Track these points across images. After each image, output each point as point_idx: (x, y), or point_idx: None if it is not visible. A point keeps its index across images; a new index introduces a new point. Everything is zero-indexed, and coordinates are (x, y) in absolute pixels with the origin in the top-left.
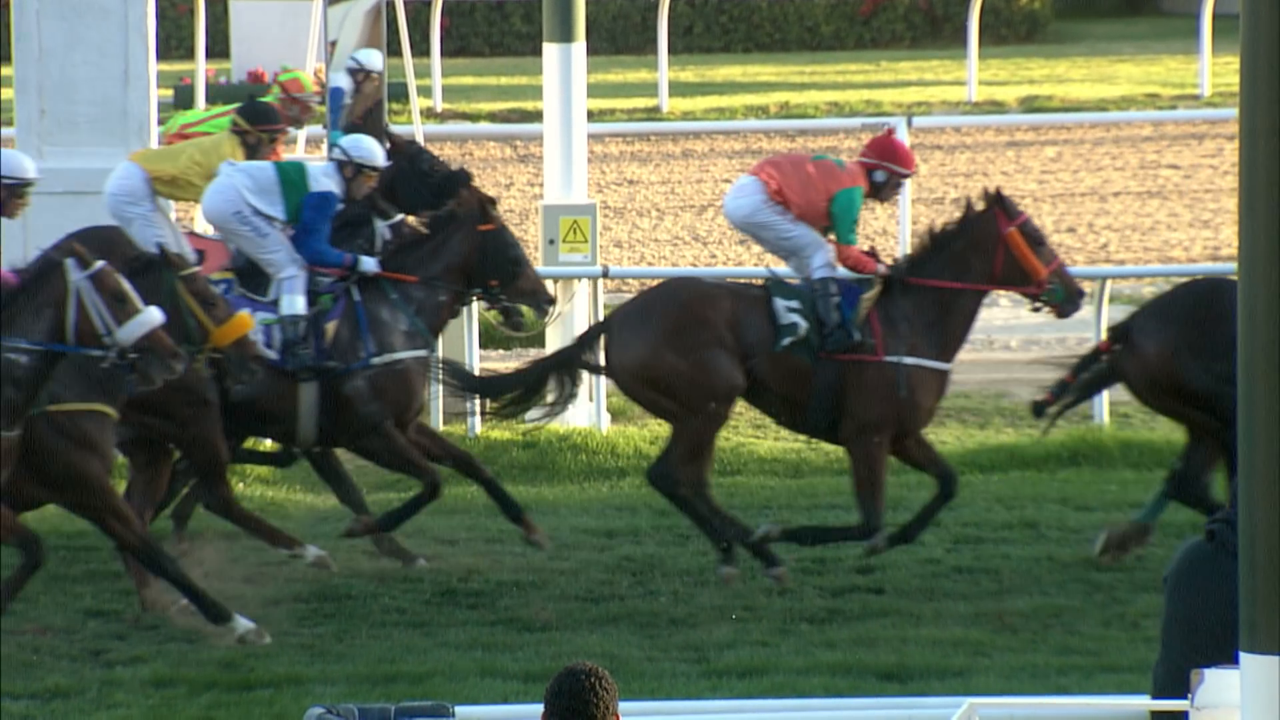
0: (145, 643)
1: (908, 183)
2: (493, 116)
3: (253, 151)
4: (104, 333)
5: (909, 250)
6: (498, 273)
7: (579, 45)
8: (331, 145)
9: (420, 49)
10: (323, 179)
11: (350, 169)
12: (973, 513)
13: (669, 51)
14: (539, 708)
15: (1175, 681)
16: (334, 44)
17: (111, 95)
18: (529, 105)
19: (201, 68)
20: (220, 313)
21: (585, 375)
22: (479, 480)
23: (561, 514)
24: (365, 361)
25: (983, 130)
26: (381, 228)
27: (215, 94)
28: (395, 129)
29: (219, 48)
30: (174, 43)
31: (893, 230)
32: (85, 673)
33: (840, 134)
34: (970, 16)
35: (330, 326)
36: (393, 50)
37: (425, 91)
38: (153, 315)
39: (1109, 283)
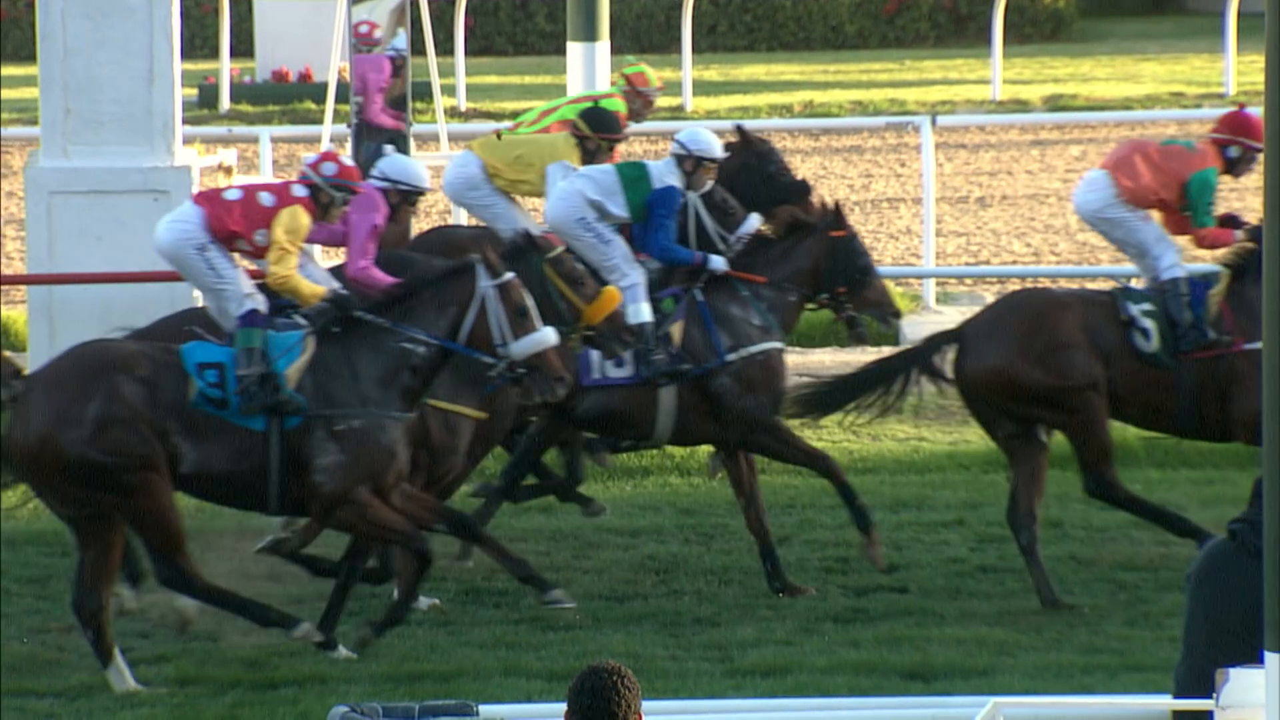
0: (169, 641)
1: (931, 183)
2: (517, 115)
3: (590, 157)
4: (499, 343)
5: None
6: (846, 280)
7: (603, 44)
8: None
9: (444, 48)
10: (663, 175)
11: (690, 162)
12: (997, 512)
13: (693, 50)
14: (563, 706)
15: (1197, 681)
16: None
17: (136, 94)
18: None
19: (226, 67)
20: (589, 291)
21: None
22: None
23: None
24: (722, 359)
25: (1007, 129)
26: (734, 237)
27: (239, 93)
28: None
29: (243, 47)
30: (199, 42)
31: (917, 229)
32: (110, 671)
33: (864, 133)
34: (995, 15)
35: (676, 328)
36: (417, 49)
37: (449, 90)
38: (548, 336)
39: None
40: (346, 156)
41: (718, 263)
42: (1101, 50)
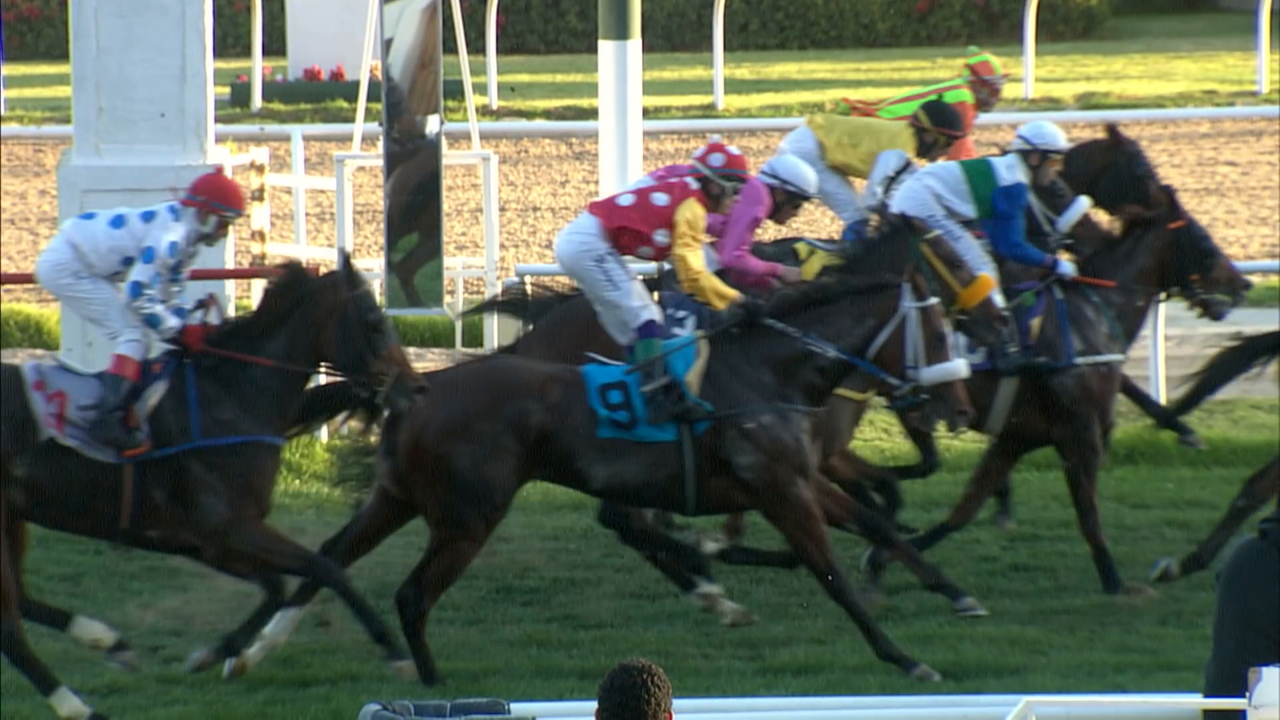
0: (202, 639)
1: None
2: (548, 114)
3: (926, 150)
4: (909, 365)
5: None
6: (1196, 266)
7: (634, 42)
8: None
9: (476, 46)
10: (1008, 171)
11: (1035, 156)
12: (1029, 511)
13: (724, 48)
14: (594, 705)
15: (1228, 680)
16: (389, 41)
17: (169, 93)
18: (584, 102)
19: (258, 65)
20: (965, 275)
21: None
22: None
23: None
24: (1071, 360)
25: None
26: (1061, 220)
27: (271, 92)
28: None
29: (275, 45)
30: (230, 40)
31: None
32: (142, 668)
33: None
34: (1027, 13)
35: (1035, 323)
36: (448, 47)
37: (481, 89)
38: (960, 367)
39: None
40: (733, 146)
41: (1066, 268)
42: (1134, 48)
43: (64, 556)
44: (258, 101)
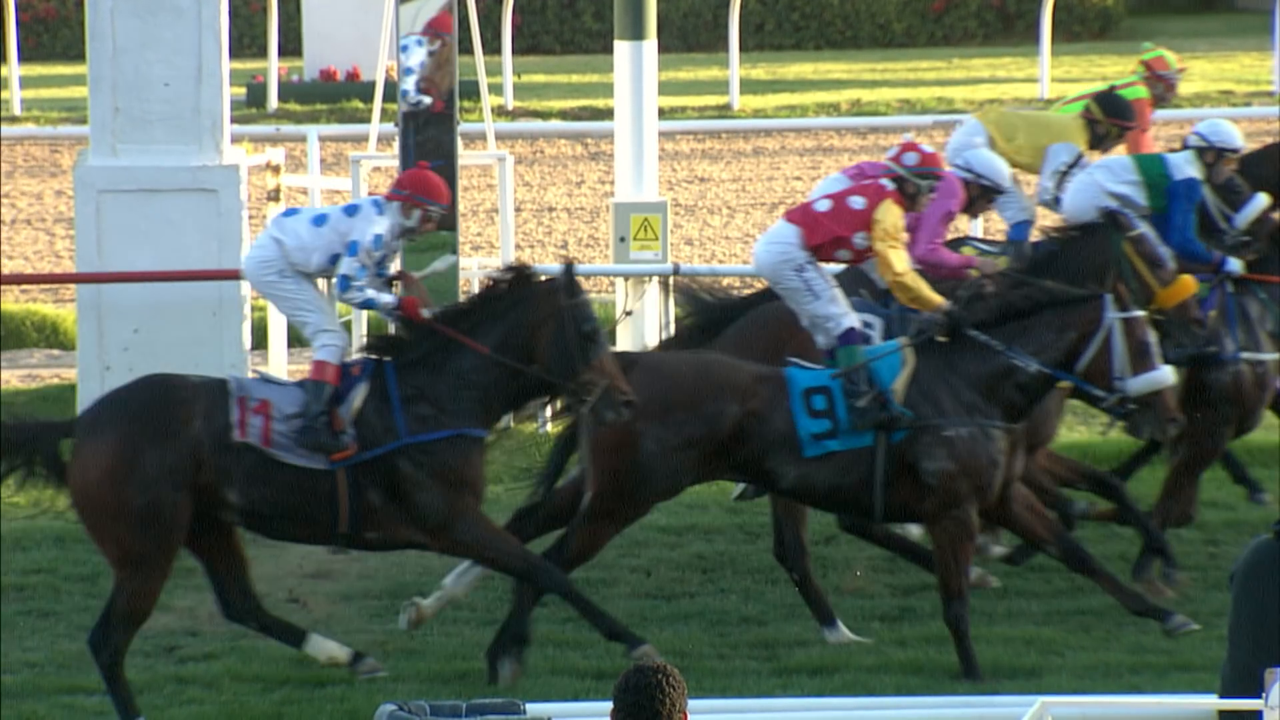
0: (218, 639)
1: None
2: (564, 114)
3: (1098, 142)
4: (1116, 376)
5: None
6: None
7: (650, 43)
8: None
9: (491, 46)
10: (1183, 167)
11: (1211, 154)
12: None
13: (740, 49)
14: (609, 705)
15: (1243, 680)
16: (405, 42)
17: (185, 93)
18: (600, 103)
19: (274, 65)
20: (1166, 275)
21: None
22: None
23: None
24: (1234, 355)
25: None
26: (1237, 217)
27: (287, 92)
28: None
29: (291, 46)
30: (246, 41)
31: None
32: (159, 668)
33: (912, 131)
34: (1043, 13)
35: (1210, 315)
36: (464, 48)
37: (496, 89)
38: (1166, 375)
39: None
40: (926, 144)
41: (1233, 266)
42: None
43: (81, 557)
44: (273, 102)
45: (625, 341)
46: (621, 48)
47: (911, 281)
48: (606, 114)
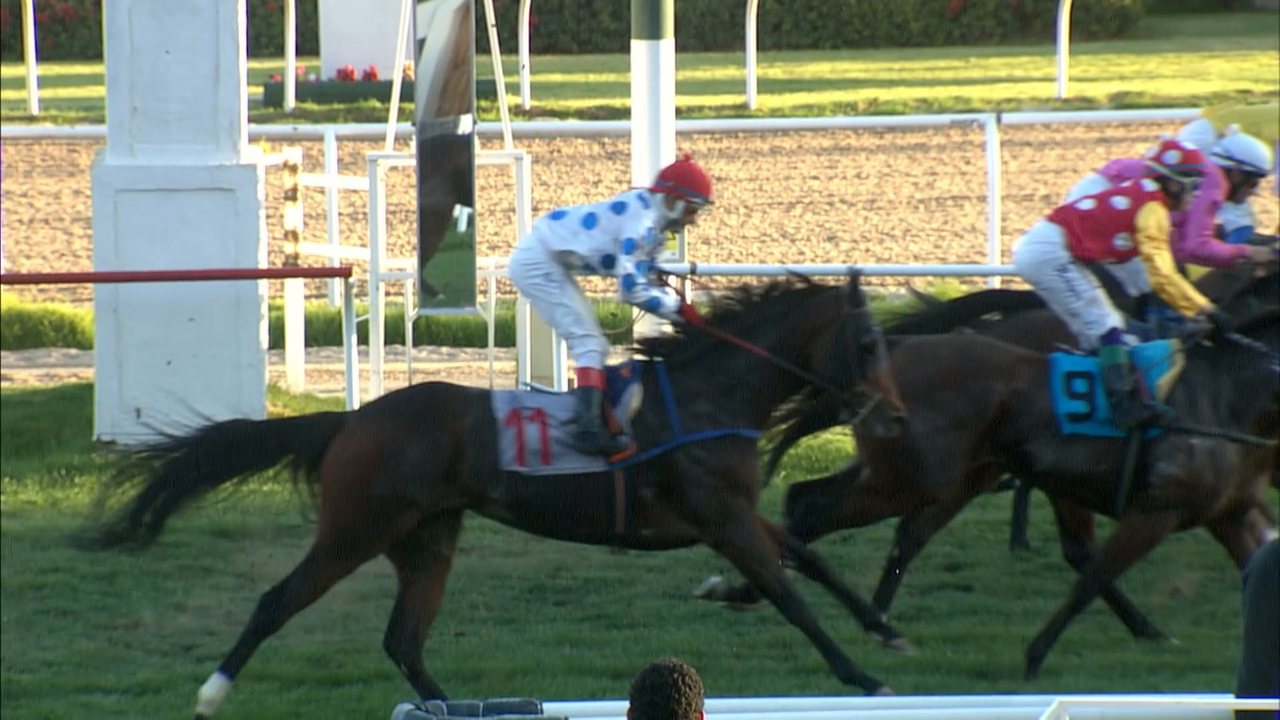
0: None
1: (996, 180)
2: (581, 113)
3: None
4: None
5: None
6: None
7: (667, 42)
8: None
9: (509, 46)
10: None
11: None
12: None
13: (757, 48)
14: (625, 705)
15: (1259, 681)
16: (422, 41)
17: (202, 93)
18: (617, 102)
19: (291, 65)
20: None
21: None
22: None
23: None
24: None
25: (1073, 127)
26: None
27: (304, 92)
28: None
29: (309, 45)
30: (264, 40)
31: (981, 228)
32: (176, 668)
33: (929, 131)
34: (1060, 12)
35: None
36: (481, 47)
37: (513, 89)
38: None
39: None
40: (1186, 142)
41: None
42: (1168, 47)
43: (98, 556)
44: (291, 101)
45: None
46: (638, 47)
47: (1176, 285)
48: (623, 113)
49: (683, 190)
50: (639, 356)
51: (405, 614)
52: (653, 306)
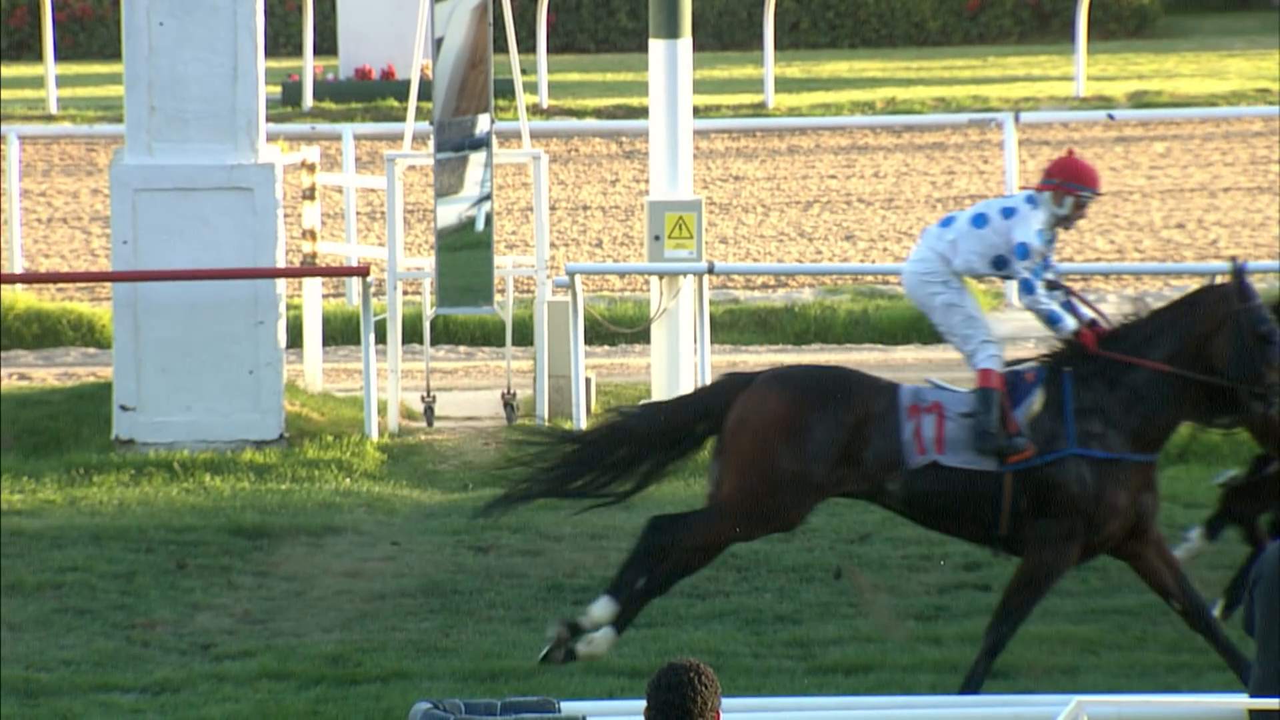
0: (253, 637)
1: (1014, 180)
2: (598, 112)
3: None
4: None
5: None
6: None
7: (685, 41)
8: None
9: (526, 45)
10: None
11: None
12: None
13: (775, 47)
14: (643, 704)
15: (1273, 681)
16: (440, 41)
17: (220, 92)
18: (634, 101)
19: (309, 64)
20: None
21: (692, 367)
22: None
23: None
24: None
25: (1091, 125)
26: None
27: (322, 91)
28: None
29: (326, 44)
30: (282, 39)
31: None
32: (194, 666)
33: (947, 130)
34: (1078, 11)
35: None
36: (499, 46)
37: (531, 88)
38: None
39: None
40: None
41: None
42: (1186, 46)
43: (116, 555)
44: (309, 100)
45: (660, 339)
46: (656, 46)
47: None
48: (641, 112)
49: (1070, 185)
50: (1047, 364)
51: (1153, 581)
52: (1052, 320)
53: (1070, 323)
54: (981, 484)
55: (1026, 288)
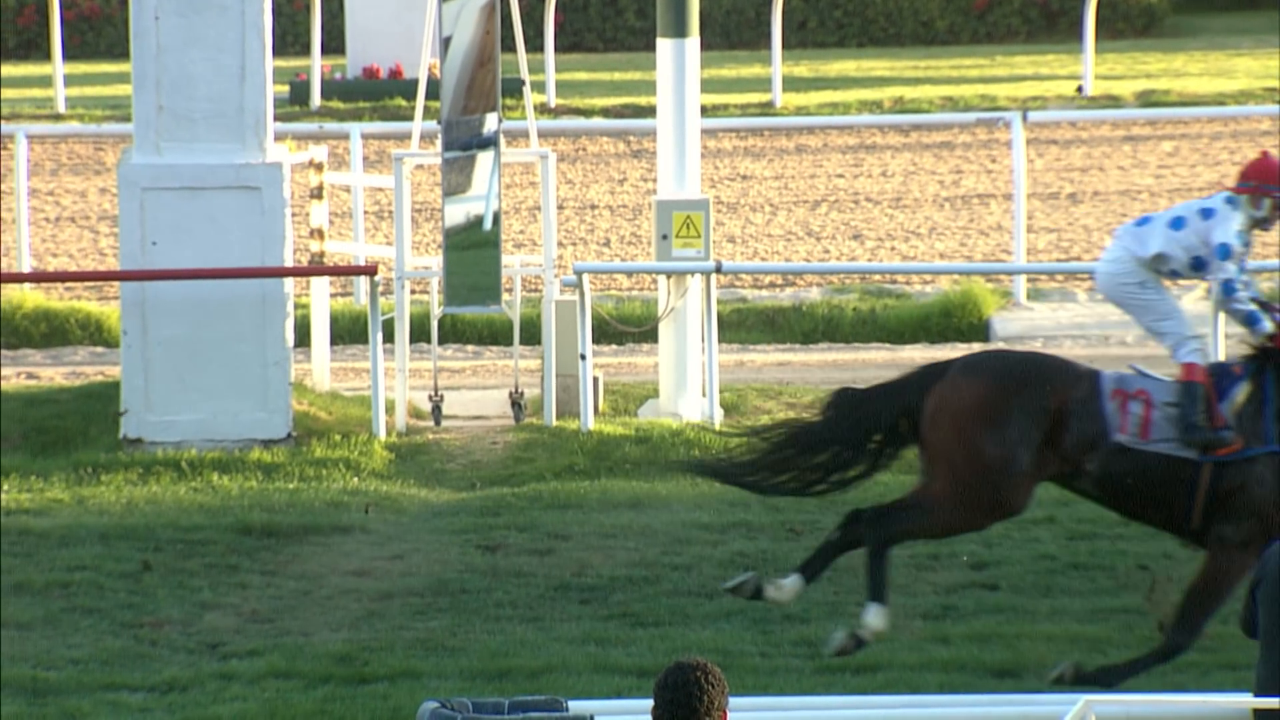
0: (261, 636)
1: (1022, 179)
2: (606, 112)
3: None
4: None
5: None
6: None
7: (693, 40)
8: None
9: (534, 44)
10: None
11: None
12: (1089, 509)
13: (782, 46)
14: (650, 703)
15: (1276, 681)
16: (448, 40)
17: (228, 91)
18: (642, 100)
19: (317, 64)
20: None
21: (699, 366)
22: None
23: (674, 509)
24: None
25: (1099, 125)
26: None
27: (330, 90)
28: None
29: (334, 43)
30: (290, 38)
31: (1007, 225)
32: (202, 666)
33: (954, 129)
34: (1086, 10)
35: None
36: (507, 46)
37: (539, 87)
38: None
39: None
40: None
41: None
42: (1194, 45)
43: (124, 554)
44: (317, 100)
45: (668, 338)
46: (664, 45)
47: None
48: (649, 111)
49: (1267, 186)
50: (1256, 359)
51: None
52: (1251, 322)
53: (1268, 324)
54: (1180, 471)
55: (1227, 289)
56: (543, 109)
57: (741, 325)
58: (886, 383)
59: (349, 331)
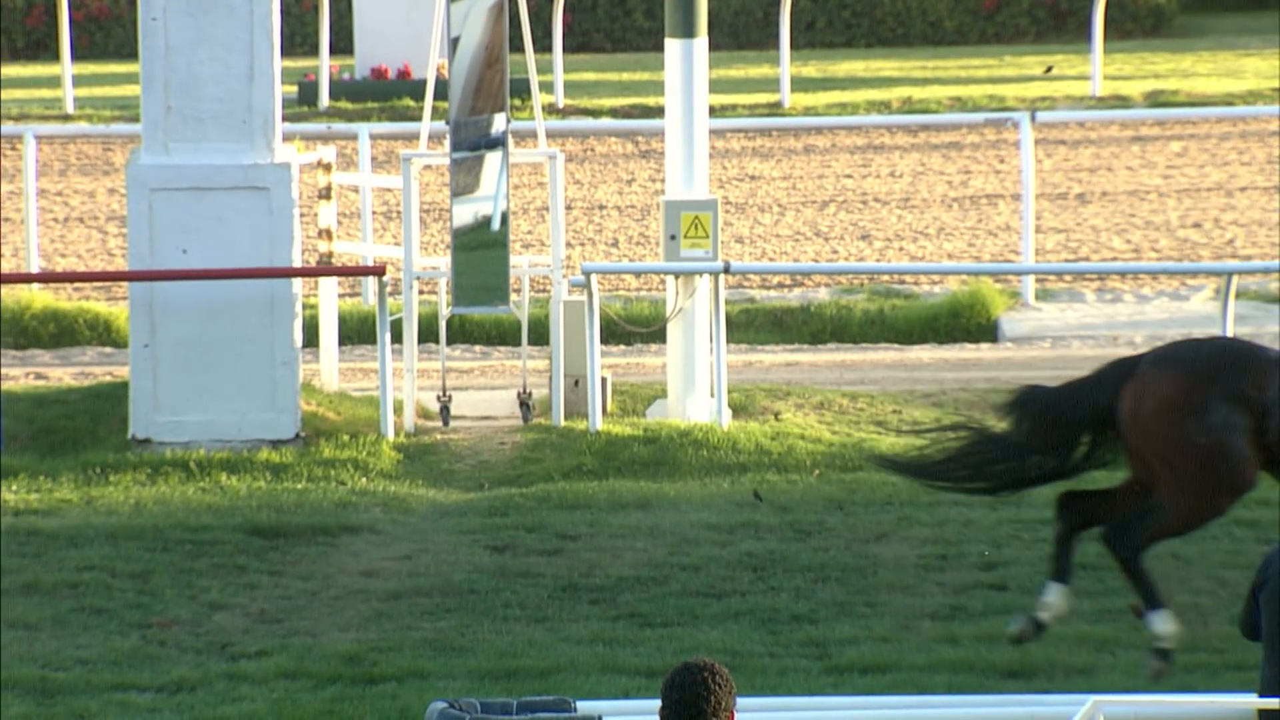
0: (270, 636)
1: (1030, 179)
2: (614, 112)
3: None
4: None
5: None
6: None
7: (701, 40)
8: None
9: (542, 45)
10: None
11: None
12: None
13: (791, 47)
14: (658, 703)
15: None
16: (456, 40)
17: (236, 91)
18: (651, 101)
19: (325, 64)
20: None
21: (708, 367)
22: None
23: (683, 509)
24: None
25: (1107, 125)
26: None
27: (338, 90)
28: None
29: (343, 44)
30: (298, 39)
31: (1016, 226)
32: (210, 665)
33: (963, 129)
34: (1095, 10)
35: None
36: (515, 46)
37: (547, 87)
38: None
39: (1235, 278)
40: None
41: None
42: (1203, 45)
43: (133, 554)
44: (325, 100)
45: (676, 339)
46: (672, 45)
47: None
48: (657, 112)
49: None
50: None
51: None
52: None
53: None
54: None
55: None
56: (551, 109)
57: (750, 325)
58: (1074, 383)
59: (357, 332)
